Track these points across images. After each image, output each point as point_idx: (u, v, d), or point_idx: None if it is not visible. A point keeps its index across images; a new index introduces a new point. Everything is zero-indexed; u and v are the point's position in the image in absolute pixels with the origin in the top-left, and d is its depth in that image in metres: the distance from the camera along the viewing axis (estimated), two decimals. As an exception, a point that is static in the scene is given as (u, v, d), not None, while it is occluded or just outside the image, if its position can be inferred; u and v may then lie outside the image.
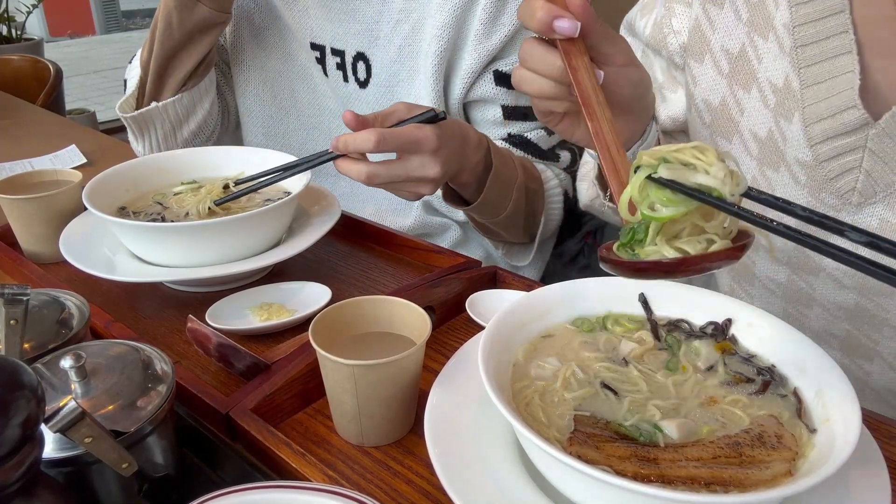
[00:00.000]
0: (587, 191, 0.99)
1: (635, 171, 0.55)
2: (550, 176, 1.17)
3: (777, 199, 0.51)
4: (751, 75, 0.82)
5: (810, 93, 0.76)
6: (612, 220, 1.04)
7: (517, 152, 1.16)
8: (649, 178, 0.54)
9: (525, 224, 1.15)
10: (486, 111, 1.16)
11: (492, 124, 1.16)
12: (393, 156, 0.91)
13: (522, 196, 1.09)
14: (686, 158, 0.53)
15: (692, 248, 0.53)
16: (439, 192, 1.20)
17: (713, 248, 0.53)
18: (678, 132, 0.97)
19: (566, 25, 0.62)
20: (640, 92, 0.71)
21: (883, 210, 0.75)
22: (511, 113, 1.16)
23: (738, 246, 0.53)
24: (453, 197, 1.06)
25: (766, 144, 0.81)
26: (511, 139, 1.16)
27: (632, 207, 0.56)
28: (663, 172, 0.53)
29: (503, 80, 1.13)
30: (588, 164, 1.00)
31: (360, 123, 0.88)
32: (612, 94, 0.68)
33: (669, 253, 0.53)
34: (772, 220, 0.49)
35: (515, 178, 1.07)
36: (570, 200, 1.21)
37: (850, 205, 0.77)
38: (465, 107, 1.19)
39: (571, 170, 1.21)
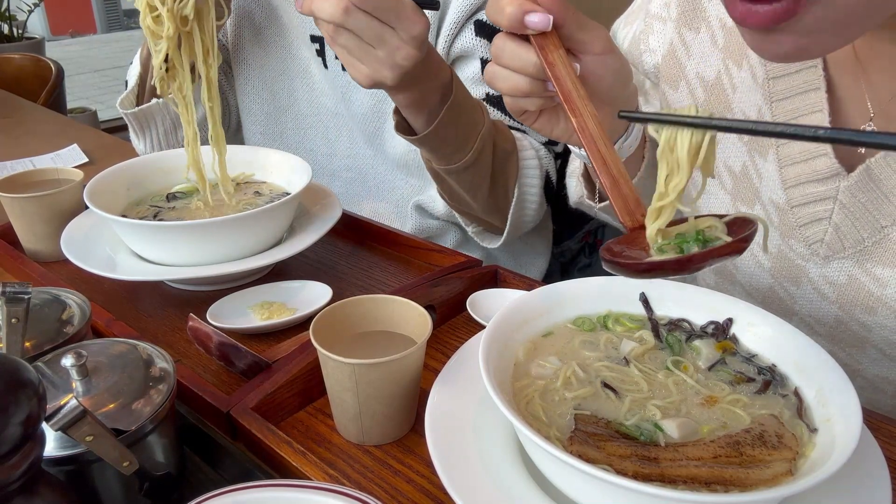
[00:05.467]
0: (575, 188, 0.97)
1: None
2: (527, 145, 1.08)
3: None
4: (726, 105, 0.79)
5: None
6: (602, 218, 1.00)
7: (495, 113, 1.08)
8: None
9: (493, 190, 1.04)
10: (466, 68, 1.11)
11: (470, 82, 1.10)
12: None
13: (488, 150, 0.99)
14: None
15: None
16: (433, 194, 1.20)
17: (717, 243, 0.52)
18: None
19: (538, 20, 0.60)
20: (620, 80, 0.68)
21: (851, 267, 0.73)
22: None
23: (743, 237, 0.52)
24: (406, 127, 0.95)
25: (741, 180, 0.79)
26: (489, 99, 1.09)
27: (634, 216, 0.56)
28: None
29: (483, 30, 1.08)
30: (575, 162, 0.98)
31: None
32: (593, 85, 0.66)
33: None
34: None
35: (480, 123, 0.96)
36: (552, 186, 1.12)
37: (817, 256, 0.75)
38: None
39: (554, 148, 1.12)
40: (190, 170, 1.01)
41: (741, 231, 0.53)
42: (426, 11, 0.82)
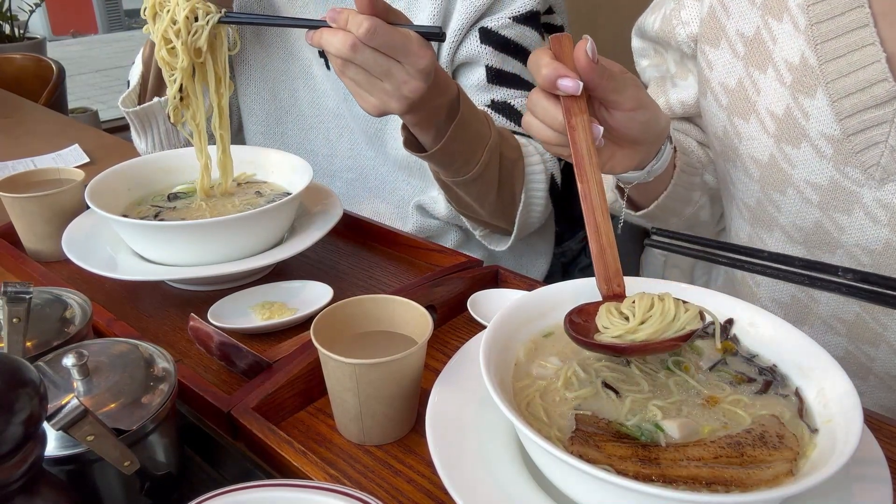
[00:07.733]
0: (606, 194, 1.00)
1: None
2: (532, 151, 1.08)
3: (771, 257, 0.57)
4: (766, 56, 0.84)
5: (832, 67, 0.78)
6: (629, 220, 1.04)
7: (500, 119, 1.10)
8: None
9: (500, 197, 1.05)
10: (471, 75, 1.12)
11: (475, 89, 1.12)
12: None
13: (495, 161, 1.00)
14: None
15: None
16: (435, 194, 1.20)
17: (664, 335, 0.59)
18: (687, 118, 0.99)
19: (569, 85, 0.65)
20: (649, 129, 0.74)
21: None
22: (495, 76, 1.10)
23: (683, 336, 0.59)
24: (414, 143, 0.96)
25: (785, 122, 0.82)
26: (494, 105, 1.10)
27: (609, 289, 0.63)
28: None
29: (488, 37, 1.09)
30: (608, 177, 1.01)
31: (368, 5, 0.78)
32: (622, 133, 0.72)
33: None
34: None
35: (487, 135, 0.98)
36: (557, 189, 1.13)
37: (873, 180, 0.78)
38: (453, 74, 1.15)
39: None
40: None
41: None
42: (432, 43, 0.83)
